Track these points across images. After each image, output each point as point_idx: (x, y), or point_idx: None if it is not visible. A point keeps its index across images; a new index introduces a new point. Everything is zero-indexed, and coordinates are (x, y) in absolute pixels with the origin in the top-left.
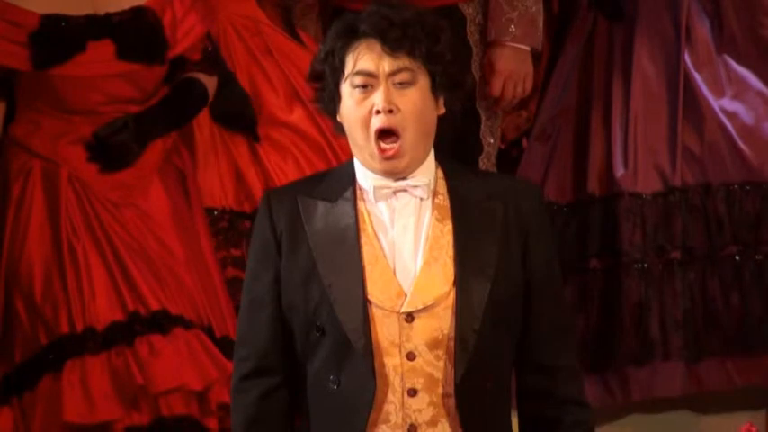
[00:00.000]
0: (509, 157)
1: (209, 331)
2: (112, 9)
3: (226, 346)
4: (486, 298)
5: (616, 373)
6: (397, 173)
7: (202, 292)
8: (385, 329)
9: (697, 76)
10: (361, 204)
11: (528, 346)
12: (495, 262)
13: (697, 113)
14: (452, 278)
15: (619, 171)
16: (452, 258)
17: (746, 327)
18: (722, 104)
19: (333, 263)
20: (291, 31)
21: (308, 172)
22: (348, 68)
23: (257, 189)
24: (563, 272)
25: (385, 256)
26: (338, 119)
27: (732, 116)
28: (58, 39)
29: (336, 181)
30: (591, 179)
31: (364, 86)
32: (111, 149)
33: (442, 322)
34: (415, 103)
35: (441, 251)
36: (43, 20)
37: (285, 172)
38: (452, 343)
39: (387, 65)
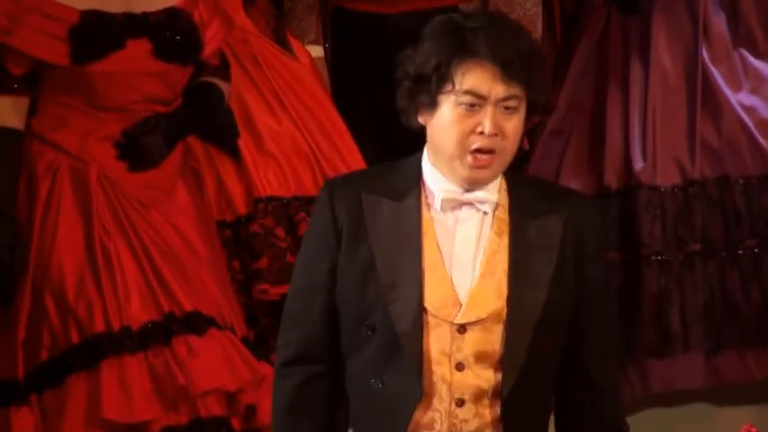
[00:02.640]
0: None
1: (233, 332)
2: (146, 8)
3: (247, 346)
4: (539, 315)
5: (635, 366)
6: (478, 183)
7: (223, 292)
8: (437, 338)
9: (715, 71)
10: (425, 208)
11: (576, 363)
12: (549, 279)
13: (715, 107)
14: (506, 294)
15: (638, 164)
16: (506, 273)
17: (766, 319)
18: (740, 99)
19: (393, 264)
20: (280, 41)
21: (293, 181)
22: (459, 85)
23: (239, 197)
24: None
25: (444, 264)
26: (421, 120)
27: (750, 110)
28: (98, 35)
29: (402, 179)
30: (607, 172)
31: (471, 105)
32: (142, 149)
33: (493, 336)
34: (517, 129)
35: (497, 265)
36: (83, 15)
37: (269, 180)
38: (502, 358)
39: (501, 91)
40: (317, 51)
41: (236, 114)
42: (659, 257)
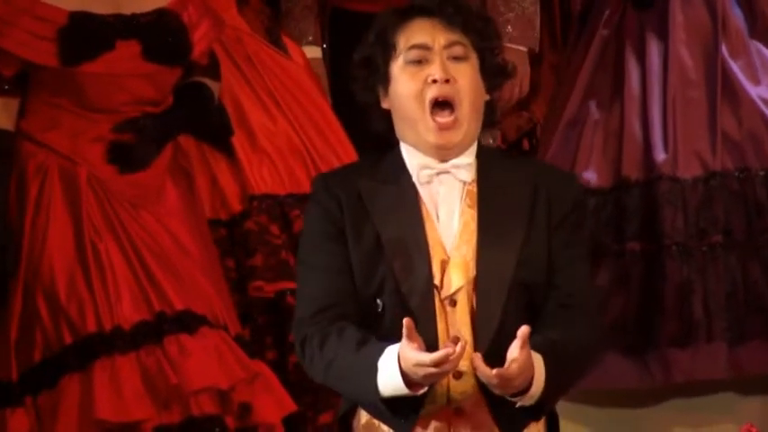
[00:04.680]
0: None
1: (226, 330)
2: (135, 9)
3: (240, 344)
4: (511, 278)
5: (657, 355)
6: (450, 147)
7: (216, 291)
8: (439, 313)
9: (734, 65)
10: (419, 188)
11: (549, 321)
12: (519, 243)
13: (735, 101)
14: (476, 263)
15: (659, 156)
16: (477, 244)
17: None
18: (759, 92)
19: (400, 245)
20: (274, 41)
21: (287, 178)
22: (401, 44)
23: (233, 196)
24: (596, 254)
25: (441, 240)
26: (384, 105)
27: None
28: (88, 36)
29: (391, 165)
30: (626, 164)
31: (419, 61)
32: (131, 151)
33: (472, 305)
34: (471, 77)
35: (471, 235)
36: (72, 16)
37: (264, 177)
38: (477, 321)
39: (442, 38)
40: (315, 52)
41: (230, 113)
42: (682, 248)
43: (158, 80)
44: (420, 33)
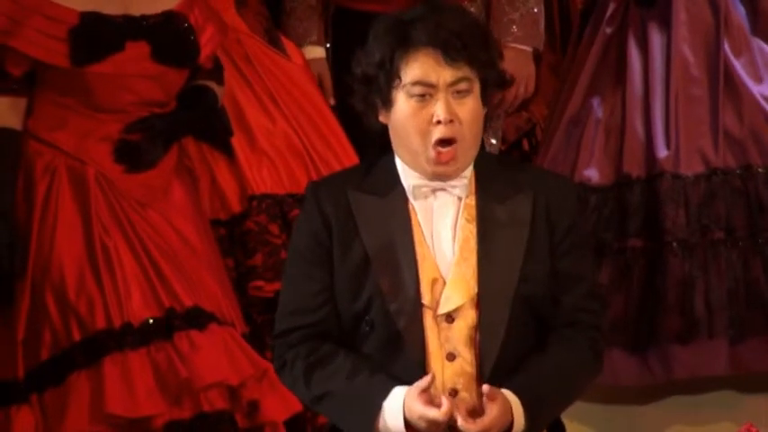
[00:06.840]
0: None
1: (233, 328)
2: (144, 11)
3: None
4: (513, 294)
5: (658, 352)
6: (447, 176)
7: (221, 289)
8: (430, 330)
9: (736, 63)
10: (408, 203)
11: (553, 340)
12: (521, 258)
13: (737, 98)
14: (476, 279)
15: (661, 153)
16: (477, 260)
17: None
18: (761, 90)
19: (388, 261)
20: (273, 41)
21: (286, 178)
22: (406, 77)
23: (233, 196)
24: (599, 251)
25: (433, 257)
26: (382, 119)
27: None
28: (98, 36)
29: (383, 176)
30: (628, 161)
31: (422, 96)
32: (138, 150)
33: (473, 322)
34: (473, 112)
35: (471, 252)
36: (83, 17)
37: (263, 177)
38: (480, 341)
39: (448, 75)
40: (319, 52)
41: (229, 113)
42: (684, 245)
43: (166, 81)
44: (425, 69)
